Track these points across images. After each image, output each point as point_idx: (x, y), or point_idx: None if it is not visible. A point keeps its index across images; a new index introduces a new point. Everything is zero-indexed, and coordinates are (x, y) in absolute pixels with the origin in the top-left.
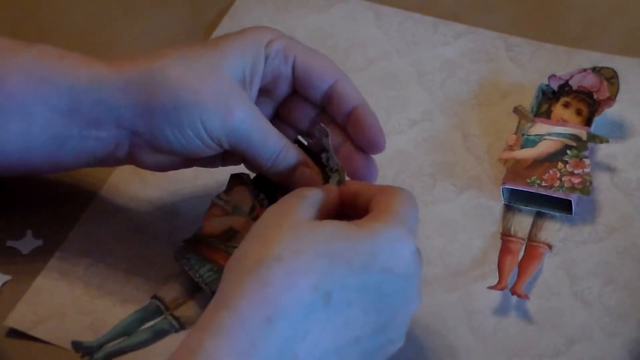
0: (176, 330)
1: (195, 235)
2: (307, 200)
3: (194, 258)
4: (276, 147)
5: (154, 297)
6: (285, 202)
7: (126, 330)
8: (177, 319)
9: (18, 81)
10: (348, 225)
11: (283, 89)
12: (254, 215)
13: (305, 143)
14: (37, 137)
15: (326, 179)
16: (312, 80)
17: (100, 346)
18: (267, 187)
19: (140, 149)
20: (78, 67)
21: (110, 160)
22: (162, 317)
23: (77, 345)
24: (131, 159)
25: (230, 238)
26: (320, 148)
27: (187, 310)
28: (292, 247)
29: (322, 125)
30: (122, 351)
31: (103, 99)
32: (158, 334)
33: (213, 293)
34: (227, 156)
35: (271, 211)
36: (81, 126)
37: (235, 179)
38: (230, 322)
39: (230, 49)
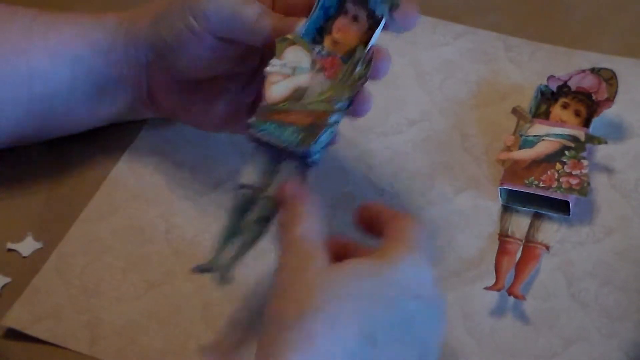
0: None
1: (262, 108)
2: (318, 243)
3: (271, 126)
4: (255, 9)
5: (240, 187)
6: (299, 251)
7: (233, 232)
8: (272, 200)
9: (71, 29)
10: (369, 260)
11: None
12: (317, 68)
13: None
14: (82, 83)
15: (371, 17)
16: None
17: (218, 259)
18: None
19: (155, 82)
20: (109, 14)
21: (138, 105)
22: (258, 204)
23: (198, 268)
24: (151, 97)
25: (301, 97)
26: None
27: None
28: (329, 294)
29: None
30: (244, 251)
31: (133, 36)
32: (264, 221)
33: (304, 154)
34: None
35: (288, 264)
36: (118, 67)
37: (284, 41)
38: None
39: None
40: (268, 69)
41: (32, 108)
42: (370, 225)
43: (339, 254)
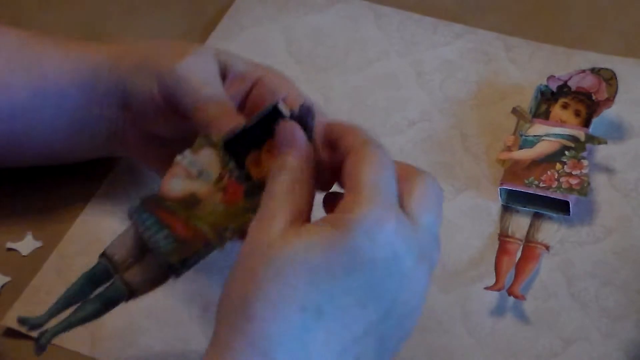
0: (126, 299)
1: (152, 196)
2: (287, 201)
3: (150, 219)
4: (206, 94)
5: (103, 254)
6: (266, 211)
7: (75, 298)
8: (126, 284)
9: (56, 63)
10: (322, 229)
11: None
12: (221, 186)
13: (285, 112)
14: (65, 121)
15: None
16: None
17: (48, 319)
18: (237, 155)
19: (128, 125)
20: (99, 47)
21: (114, 145)
22: (111, 281)
23: (23, 321)
24: (124, 139)
25: (192, 206)
26: (302, 125)
27: (136, 274)
28: (271, 273)
29: (311, 105)
30: (70, 326)
31: (115, 76)
32: (108, 303)
33: (170, 265)
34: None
35: (252, 231)
36: (98, 105)
37: (205, 140)
38: None
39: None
40: (178, 158)
41: (12, 142)
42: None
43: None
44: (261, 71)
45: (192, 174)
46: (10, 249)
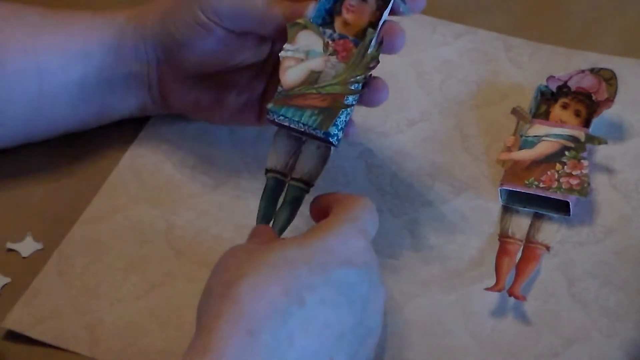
0: (307, 191)
1: (279, 94)
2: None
3: (289, 111)
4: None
5: (267, 171)
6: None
7: (266, 216)
8: (300, 180)
9: (79, 27)
10: (301, 236)
11: None
12: (330, 52)
13: None
14: (92, 81)
15: (379, 9)
16: None
17: None
18: (326, 26)
19: (165, 78)
20: (121, 11)
21: (148, 102)
22: (287, 186)
23: None
24: (162, 94)
25: (316, 81)
26: None
27: (303, 168)
28: (253, 264)
29: None
30: (279, 235)
31: (141, 33)
32: (295, 203)
33: (325, 135)
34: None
35: (233, 248)
36: (125, 64)
37: (295, 26)
38: (214, 342)
39: None
40: (282, 53)
41: (42, 105)
42: (322, 215)
43: None
44: None
45: (301, 57)
46: (10, 250)
